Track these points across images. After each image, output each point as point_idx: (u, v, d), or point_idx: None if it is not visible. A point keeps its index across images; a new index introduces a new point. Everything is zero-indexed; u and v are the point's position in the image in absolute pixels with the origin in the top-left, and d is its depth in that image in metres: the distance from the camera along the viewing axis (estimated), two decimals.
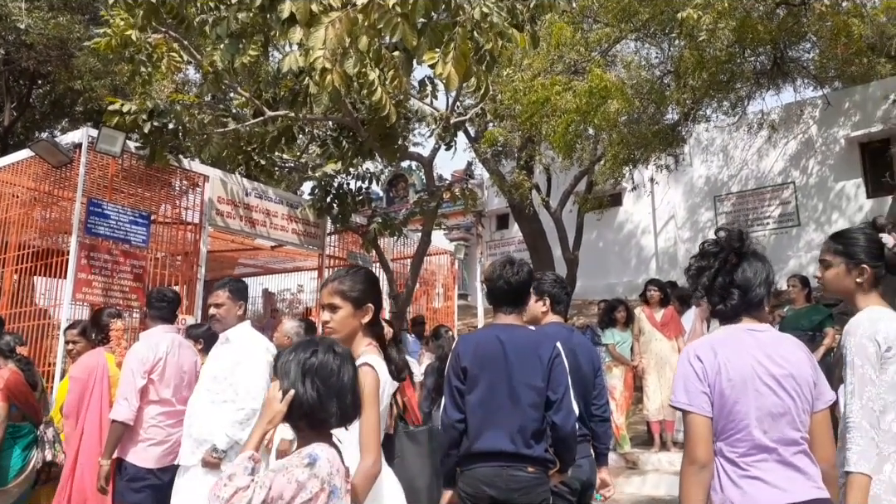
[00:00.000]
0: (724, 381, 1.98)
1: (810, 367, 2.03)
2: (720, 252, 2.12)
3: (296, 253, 9.25)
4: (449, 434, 2.84)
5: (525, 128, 8.51)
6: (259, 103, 6.67)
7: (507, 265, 3.06)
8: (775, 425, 1.95)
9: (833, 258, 2.38)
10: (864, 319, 2.27)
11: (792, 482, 1.92)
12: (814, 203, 14.22)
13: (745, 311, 2.08)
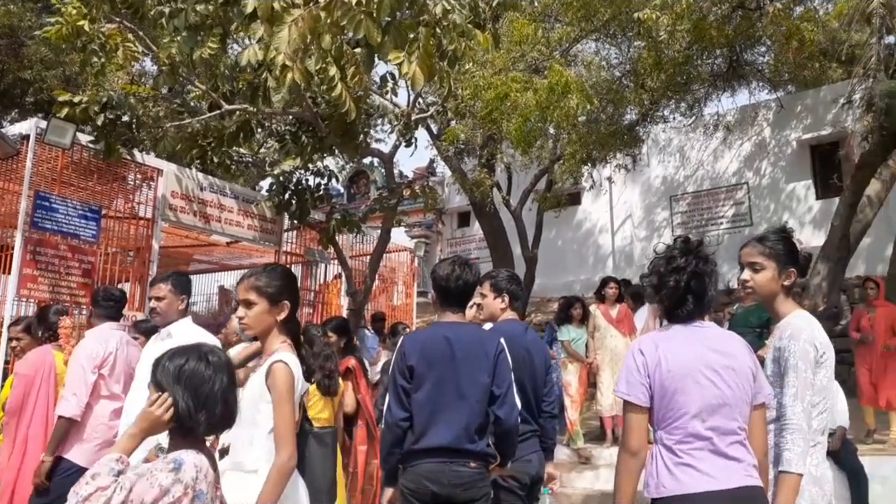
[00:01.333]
0: (663, 372, 2.09)
1: (751, 363, 2.13)
2: (678, 258, 2.21)
3: (252, 249, 9.14)
4: (392, 433, 2.87)
5: (485, 124, 8.55)
6: (216, 97, 6.56)
7: (463, 265, 3.10)
8: (714, 415, 2.05)
9: (766, 261, 2.43)
10: (804, 324, 2.36)
11: (723, 470, 2.01)
12: (766, 204, 14.61)
13: (700, 314, 2.21)
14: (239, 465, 2.31)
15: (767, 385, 2.18)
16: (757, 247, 2.47)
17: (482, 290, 3.59)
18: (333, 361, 4.30)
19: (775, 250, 2.44)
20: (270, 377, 2.27)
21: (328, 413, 4.17)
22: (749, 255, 2.47)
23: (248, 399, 2.35)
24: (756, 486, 2.05)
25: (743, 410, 2.10)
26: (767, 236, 2.50)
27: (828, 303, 9.15)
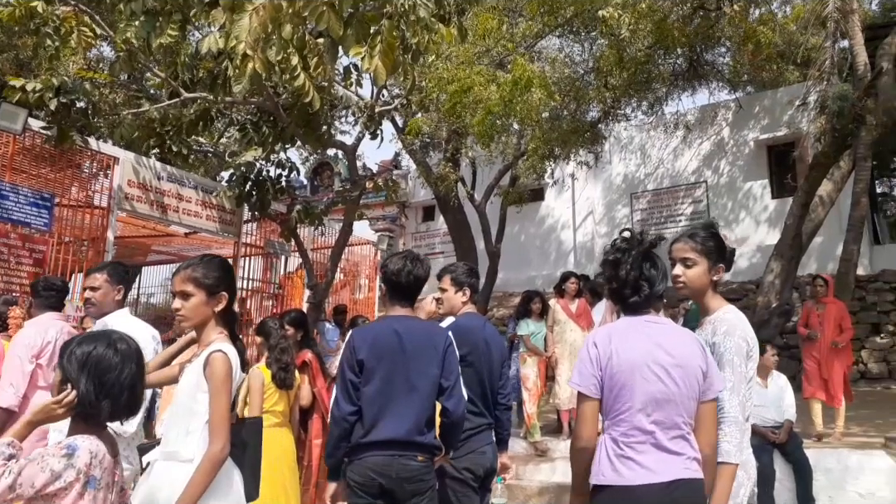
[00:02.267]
0: (614, 365, 2.17)
1: (701, 360, 2.19)
2: (630, 249, 2.28)
3: (211, 240, 9.03)
4: (340, 427, 2.87)
5: (448, 117, 8.56)
6: (176, 85, 6.44)
7: (414, 260, 3.12)
8: (658, 410, 2.12)
9: (697, 257, 2.47)
10: (737, 320, 2.43)
11: (662, 464, 2.09)
12: (724, 202, 14.92)
13: (651, 304, 2.27)
14: (173, 455, 2.31)
15: (719, 381, 2.24)
16: (689, 243, 2.50)
17: (442, 284, 3.61)
18: (290, 354, 4.29)
19: (706, 247, 2.49)
20: (208, 367, 2.27)
21: (283, 406, 4.16)
22: (681, 251, 2.50)
23: (184, 389, 2.35)
24: (693, 479, 2.11)
25: (688, 406, 2.16)
26: (697, 233, 2.53)
27: (780, 299, 9.40)
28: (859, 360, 10.78)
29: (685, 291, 2.52)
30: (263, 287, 9.62)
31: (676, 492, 2.07)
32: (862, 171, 9.76)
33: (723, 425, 2.29)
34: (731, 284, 13.34)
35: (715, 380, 2.21)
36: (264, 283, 9.63)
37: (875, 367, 10.76)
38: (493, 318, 13.70)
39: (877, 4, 15.52)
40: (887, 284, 11.51)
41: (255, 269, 9.50)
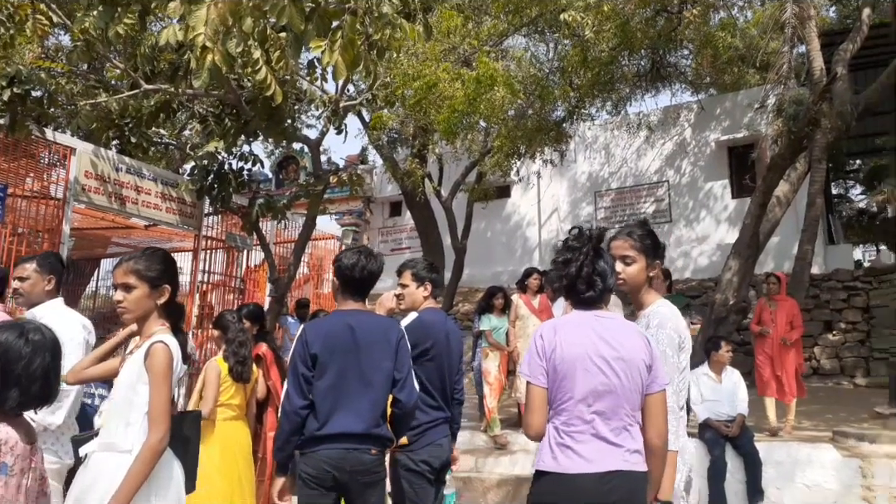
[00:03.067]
0: (557, 357, 2.23)
1: (645, 354, 2.24)
2: (582, 246, 2.33)
3: (172, 233, 8.91)
4: (291, 421, 2.87)
5: (413, 113, 8.59)
6: (135, 76, 6.34)
7: (368, 255, 3.14)
8: (599, 401, 2.18)
9: (636, 255, 2.54)
10: (669, 313, 2.51)
11: (600, 454, 2.15)
12: (685, 201, 15.20)
13: (604, 298, 2.33)
14: (112, 446, 2.30)
15: (664, 374, 2.30)
16: (628, 241, 2.55)
17: (402, 280, 3.62)
18: (248, 348, 4.28)
19: (644, 244, 2.55)
20: (149, 358, 2.27)
21: (240, 399, 4.16)
22: (621, 249, 2.55)
23: (124, 380, 2.34)
24: (631, 472, 2.16)
25: (631, 399, 2.21)
26: (634, 231, 2.59)
27: (738, 297, 9.62)
28: (812, 357, 11.09)
29: (625, 288, 2.57)
30: (226, 281, 9.53)
31: (611, 482, 2.12)
32: (817, 172, 10.03)
33: None
34: (691, 282, 13.62)
35: (660, 373, 2.26)
36: (227, 277, 9.55)
37: (827, 363, 11.07)
38: (458, 313, 13.77)
39: (834, 11, 15.92)
40: (840, 283, 11.85)
41: (218, 262, 9.40)
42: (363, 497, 2.90)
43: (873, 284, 11.68)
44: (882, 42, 10.71)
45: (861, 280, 11.81)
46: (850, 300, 11.58)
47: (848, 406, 8.53)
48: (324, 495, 2.86)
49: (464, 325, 12.80)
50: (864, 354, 10.94)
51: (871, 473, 5.59)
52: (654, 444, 2.22)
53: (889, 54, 9.73)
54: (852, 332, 11.27)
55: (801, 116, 9.39)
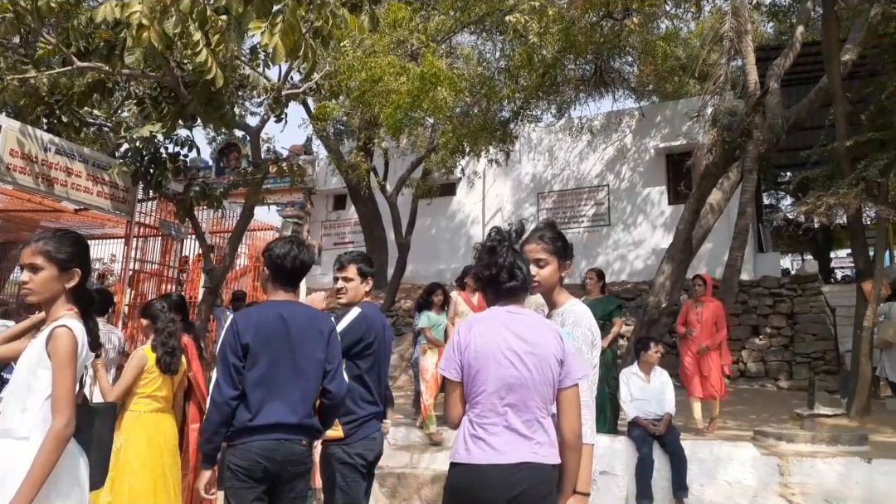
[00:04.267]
0: (471, 352, 2.31)
1: (557, 349, 2.30)
2: (503, 241, 2.41)
3: (104, 218, 8.59)
4: (221, 412, 2.83)
5: (358, 105, 8.52)
6: (68, 52, 6.08)
7: (300, 246, 3.12)
8: (511, 394, 2.24)
9: (549, 257, 2.61)
10: (583, 312, 2.59)
11: (510, 445, 2.21)
12: (623, 206, 15.55)
13: (523, 291, 2.40)
14: (8, 433, 2.20)
15: (578, 369, 2.35)
16: (540, 244, 2.61)
17: (347, 273, 3.57)
18: (177, 339, 4.17)
19: (555, 246, 2.63)
20: (51, 342, 2.18)
21: (166, 391, 4.04)
22: (534, 252, 2.60)
23: (24, 365, 2.24)
24: (540, 464, 2.22)
25: (543, 392, 2.27)
26: (545, 233, 2.65)
27: (670, 300, 9.90)
28: (739, 360, 11.51)
29: (539, 289, 2.63)
30: (162, 270, 9.25)
31: (520, 473, 2.18)
32: (748, 182, 10.40)
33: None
34: (627, 284, 13.95)
35: (573, 368, 2.32)
36: (163, 267, 9.27)
37: (753, 366, 11.51)
38: (400, 309, 13.74)
39: (771, 27, 16.56)
40: (767, 290, 12.33)
41: (153, 251, 9.12)
42: (291, 486, 2.90)
43: (797, 292, 12.20)
44: (813, 59, 11.18)
45: (787, 287, 12.33)
46: (776, 306, 12.06)
47: (770, 407, 8.89)
48: (253, 488, 2.82)
49: (405, 321, 12.77)
50: (787, 358, 11.42)
51: (787, 471, 5.84)
52: (567, 438, 2.28)
53: (819, 72, 10.15)
54: (777, 337, 11.75)
55: (735, 127, 9.73)
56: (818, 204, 9.11)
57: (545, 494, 2.22)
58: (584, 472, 2.36)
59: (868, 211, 12.01)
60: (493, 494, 2.18)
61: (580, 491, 2.33)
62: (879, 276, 8.97)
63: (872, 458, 5.79)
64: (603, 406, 6.69)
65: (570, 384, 2.30)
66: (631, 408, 6.22)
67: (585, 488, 2.35)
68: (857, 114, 8.93)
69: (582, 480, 2.34)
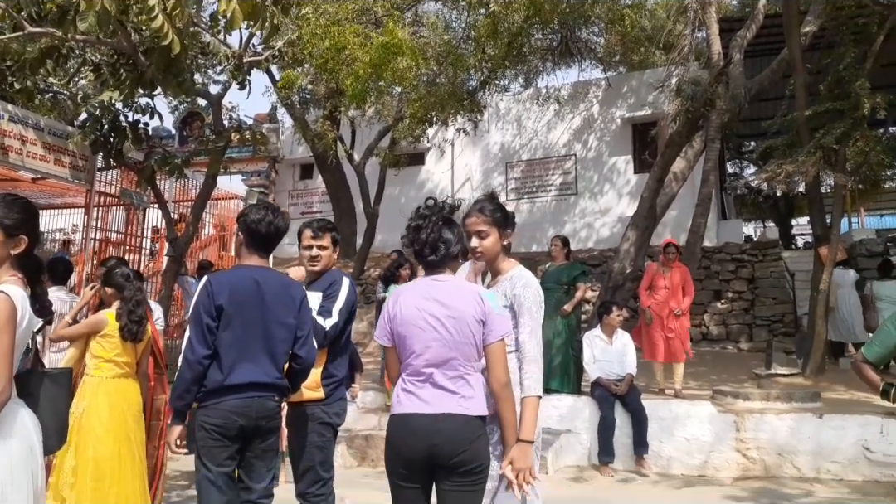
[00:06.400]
0: (397, 320, 2.53)
1: (476, 310, 2.47)
2: (432, 216, 2.55)
3: (63, 188, 8.43)
4: (193, 370, 2.89)
5: (321, 74, 8.42)
6: (19, 17, 5.90)
7: (275, 212, 3.16)
8: (435, 355, 2.44)
9: (489, 228, 2.74)
10: (530, 276, 2.77)
11: (437, 398, 2.43)
12: (590, 174, 15.68)
13: (445, 263, 2.57)
14: None
15: (501, 326, 2.49)
16: (480, 216, 2.74)
17: (323, 241, 3.58)
18: (143, 308, 4.16)
19: (495, 218, 2.75)
20: None
21: (129, 357, 4.04)
22: (475, 225, 2.73)
23: None
24: (462, 415, 2.40)
25: (465, 351, 2.45)
26: (485, 206, 2.77)
27: (634, 266, 10.08)
28: (702, 324, 11.79)
29: (483, 259, 2.79)
30: (127, 240, 9.14)
31: (443, 423, 2.39)
32: (711, 151, 10.56)
33: (524, 364, 2.60)
34: (593, 251, 14.13)
35: (495, 326, 2.47)
36: (129, 236, 9.15)
37: (715, 329, 11.81)
38: (369, 277, 13.77)
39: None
40: (729, 255, 12.60)
41: (117, 220, 9.00)
42: (263, 440, 2.98)
43: (759, 257, 12.49)
44: (775, 31, 11.29)
45: (748, 253, 12.61)
46: (738, 272, 12.35)
47: (730, 368, 9.16)
48: (226, 446, 2.90)
49: (375, 290, 12.79)
50: (748, 321, 11.74)
51: (743, 427, 6.06)
52: (495, 390, 2.46)
53: (781, 43, 10.28)
54: (738, 301, 12.05)
55: (698, 97, 9.84)
56: (778, 172, 9.31)
57: (468, 442, 2.39)
58: (528, 421, 2.50)
59: (826, 179, 12.31)
60: (418, 440, 2.40)
61: (523, 439, 2.47)
62: (835, 241, 9.23)
63: (824, 414, 6.04)
64: (567, 368, 6.86)
65: (493, 341, 2.47)
66: (594, 369, 6.37)
67: (529, 437, 2.49)
68: (816, 84, 9.07)
69: (525, 429, 2.49)
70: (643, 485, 5.70)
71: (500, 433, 2.52)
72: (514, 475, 2.44)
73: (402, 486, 2.48)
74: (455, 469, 2.38)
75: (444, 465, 2.39)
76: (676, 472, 6.00)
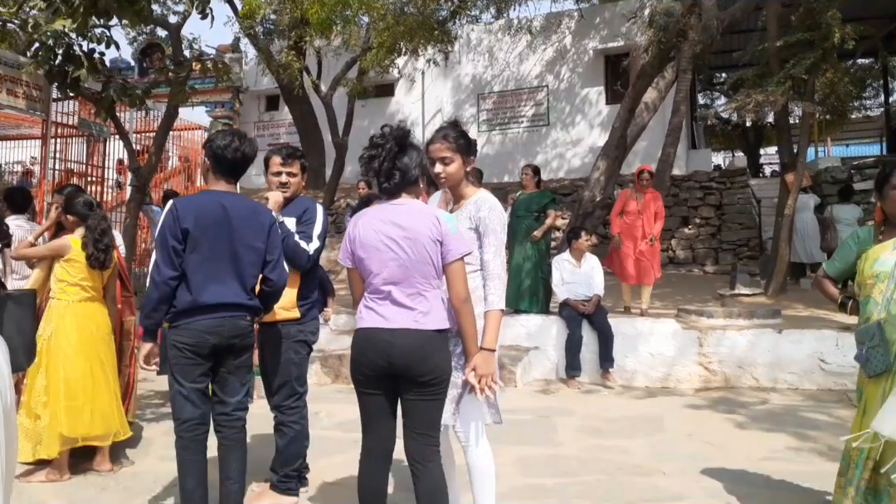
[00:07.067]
0: (357, 242, 2.61)
1: (433, 231, 2.54)
2: (386, 143, 2.57)
3: (17, 118, 8.18)
4: (160, 290, 2.92)
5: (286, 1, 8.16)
6: None
7: (243, 138, 3.13)
8: (393, 274, 2.54)
9: (453, 155, 2.82)
10: (494, 200, 2.87)
11: (395, 314, 2.54)
12: (562, 106, 15.60)
13: (402, 189, 2.61)
14: None
15: (458, 246, 2.56)
16: (444, 143, 2.82)
17: (293, 168, 3.60)
18: (109, 236, 4.12)
19: (458, 144, 2.82)
20: None
21: (95, 282, 4.02)
22: (439, 151, 2.82)
23: None
24: (419, 329, 2.52)
25: (422, 270, 2.54)
26: (449, 133, 2.84)
27: (604, 194, 10.18)
28: (669, 248, 12.05)
29: (447, 184, 2.87)
30: (89, 171, 8.96)
31: (399, 337, 2.51)
32: (682, 82, 10.57)
33: (488, 280, 2.73)
34: (564, 181, 14.21)
35: (452, 245, 2.55)
36: (92, 167, 8.97)
37: (682, 253, 12.10)
38: (339, 208, 13.73)
39: None
40: (698, 183, 12.79)
41: (77, 152, 8.81)
42: (237, 357, 3.03)
43: (727, 185, 12.71)
44: None
45: (716, 181, 12.82)
46: (706, 199, 12.58)
47: (695, 290, 9.42)
48: (199, 364, 2.94)
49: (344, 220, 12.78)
50: (714, 246, 12.04)
51: (705, 342, 6.28)
52: (455, 305, 2.56)
53: None
54: (705, 227, 12.32)
55: (671, 28, 9.74)
56: (748, 101, 9.36)
57: (422, 354, 2.50)
58: (491, 332, 2.65)
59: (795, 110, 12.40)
60: (377, 353, 2.53)
61: (486, 347, 2.62)
62: (801, 167, 9.40)
63: (783, 329, 6.26)
64: (536, 290, 6.99)
65: (452, 259, 2.55)
66: (562, 290, 6.51)
67: (491, 345, 2.64)
68: (787, 16, 9.05)
69: (488, 339, 2.64)
70: (608, 396, 5.91)
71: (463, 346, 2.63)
72: (477, 381, 2.57)
73: (365, 394, 2.62)
74: (414, 380, 2.50)
75: (404, 377, 2.51)
76: (640, 384, 6.22)
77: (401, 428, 2.59)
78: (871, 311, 2.79)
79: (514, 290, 7.00)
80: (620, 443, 4.44)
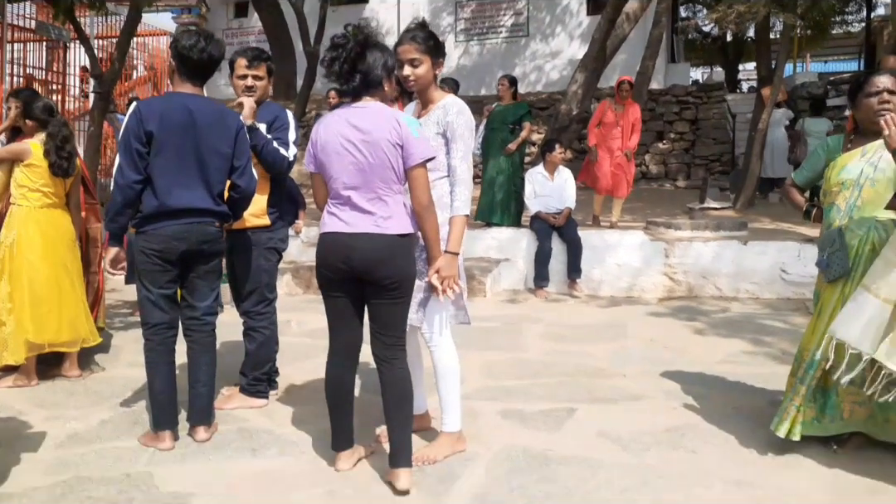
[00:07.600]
0: (319, 146, 2.60)
1: (392, 135, 2.50)
2: (346, 44, 2.50)
3: None
4: (124, 194, 2.87)
5: None
6: None
7: (210, 39, 3.02)
8: (352, 179, 2.54)
9: (422, 56, 2.73)
10: (463, 105, 2.83)
11: (355, 219, 2.55)
12: (542, 16, 15.18)
13: (365, 91, 2.56)
14: None
15: (420, 150, 2.53)
16: (412, 44, 2.73)
17: (259, 72, 3.48)
18: (71, 143, 4.03)
19: (428, 46, 2.74)
20: None
21: (57, 189, 3.95)
22: (407, 53, 2.73)
23: None
24: (379, 234, 2.53)
25: (382, 174, 2.52)
26: (417, 34, 2.75)
27: (581, 108, 10.08)
28: (643, 163, 12.06)
29: (415, 87, 2.80)
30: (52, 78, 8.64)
31: (359, 241, 2.53)
32: None
33: (455, 186, 2.74)
34: (542, 94, 14.02)
35: (413, 150, 2.52)
36: (55, 74, 8.64)
37: (655, 168, 12.13)
38: (311, 120, 13.48)
39: None
40: (675, 98, 12.70)
41: (38, 58, 8.46)
42: (207, 263, 3.04)
43: (703, 99, 12.64)
44: None
45: (693, 95, 12.73)
46: (682, 113, 12.53)
47: (665, 204, 9.54)
48: (168, 270, 2.94)
49: None
50: (687, 161, 12.09)
51: (672, 253, 6.42)
52: (416, 210, 2.57)
53: None
54: (680, 142, 12.32)
55: None
56: (729, 12, 9.21)
57: (382, 258, 2.52)
58: (455, 236, 2.68)
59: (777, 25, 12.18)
60: (337, 257, 2.56)
61: (450, 250, 2.66)
62: (778, 82, 9.36)
63: (748, 241, 6.41)
64: (507, 203, 7.03)
65: (413, 164, 2.53)
66: (534, 203, 6.55)
67: (455, 249, 2.67)
68: None
69: (452, 243, 2.67)
70: (574, 304, 6.08)
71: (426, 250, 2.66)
72: (440, 282, 2.61)
73: (330, 297, 2.68)
74: (377, 284, 2.54)
75: (367, 280, 2.55)
76: (606, 293, 6.39)
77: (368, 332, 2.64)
78: (833, 218, 2.89)
79: (486, 203, 7.03)
80: (584, 348, 4.59)
